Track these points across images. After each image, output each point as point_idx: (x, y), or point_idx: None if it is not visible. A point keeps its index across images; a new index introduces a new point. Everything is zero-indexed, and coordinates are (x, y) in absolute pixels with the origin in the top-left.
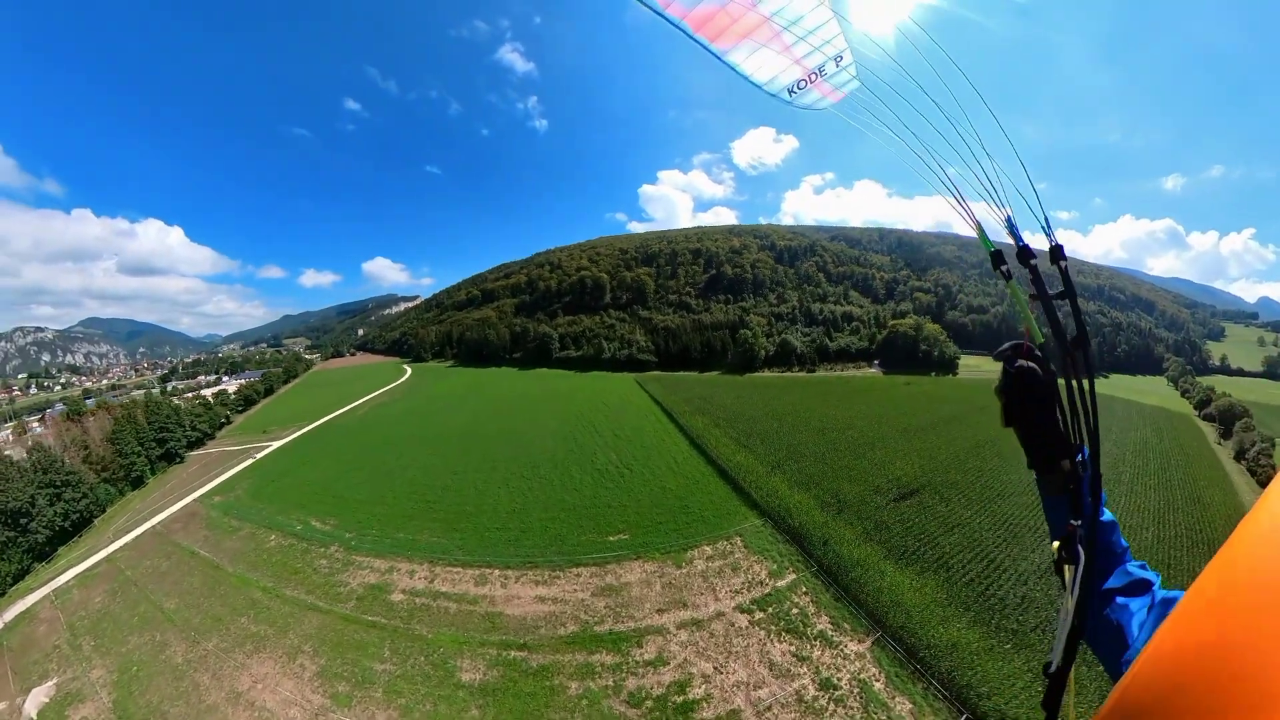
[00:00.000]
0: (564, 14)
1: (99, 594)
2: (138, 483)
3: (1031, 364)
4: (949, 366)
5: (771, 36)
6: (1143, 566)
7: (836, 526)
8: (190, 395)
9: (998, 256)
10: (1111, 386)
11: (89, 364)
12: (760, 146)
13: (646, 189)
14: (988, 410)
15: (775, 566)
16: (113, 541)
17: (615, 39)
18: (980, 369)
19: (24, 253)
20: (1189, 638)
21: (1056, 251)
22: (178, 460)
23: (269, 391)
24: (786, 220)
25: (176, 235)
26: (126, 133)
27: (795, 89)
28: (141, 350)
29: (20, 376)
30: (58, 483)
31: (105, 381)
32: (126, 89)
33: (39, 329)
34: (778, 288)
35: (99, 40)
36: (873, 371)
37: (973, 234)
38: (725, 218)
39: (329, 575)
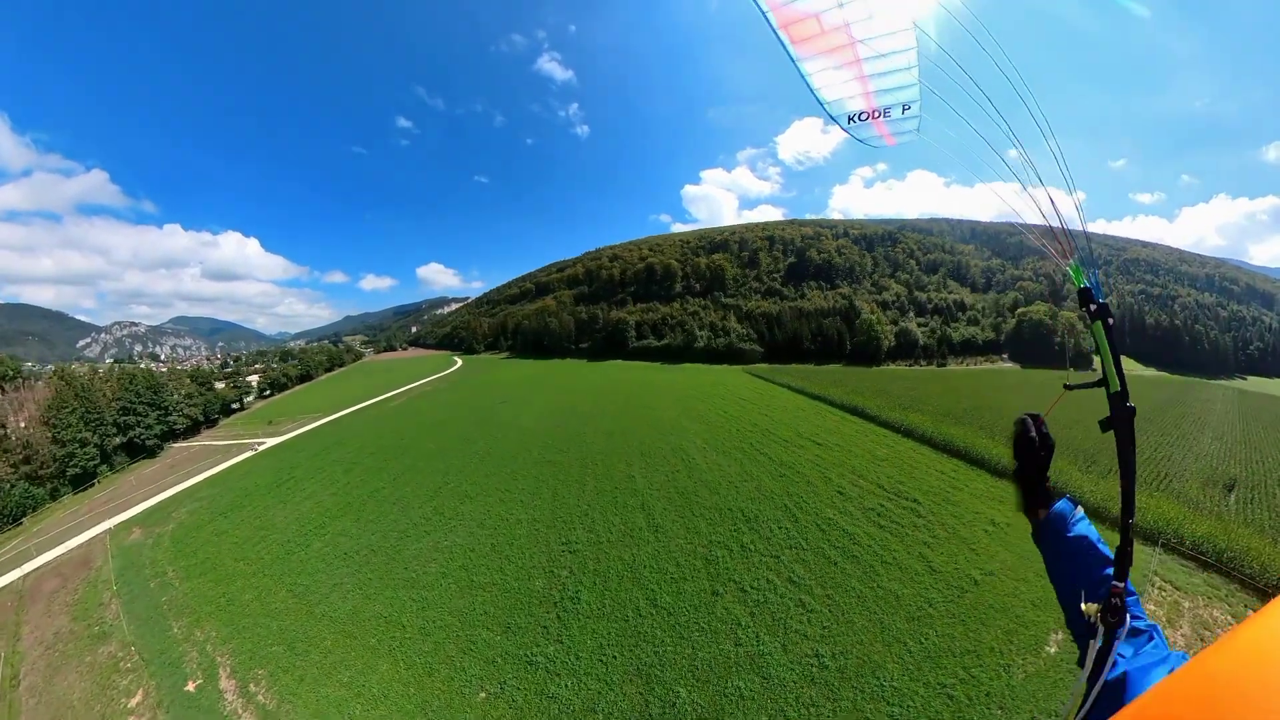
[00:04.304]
0: (598, 19)
1: None
2: (80, 482)
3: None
4: (1085, 362)
5: (852, 62)
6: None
7: None
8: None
9: (1086, 294)
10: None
11: (174, 354)
12: (806, 139)
13: (689, 189)
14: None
15: None
16: None
17: (651, 41)
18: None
19: (125, 261)
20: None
21: (1103, 310)
22: (148, 454)
23: (305, 378)
24: (834, 216)
25: (253, 245)
26: (211, 157)
27: (856, 119)
28: (220, 345)
29: (108, 362)
30: None
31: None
32: (210, 122)
33: (134, 324)
34: (872, 275)
35: (188, 81)
36: (1007, 365)
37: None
38: (771, 215)
39: None
